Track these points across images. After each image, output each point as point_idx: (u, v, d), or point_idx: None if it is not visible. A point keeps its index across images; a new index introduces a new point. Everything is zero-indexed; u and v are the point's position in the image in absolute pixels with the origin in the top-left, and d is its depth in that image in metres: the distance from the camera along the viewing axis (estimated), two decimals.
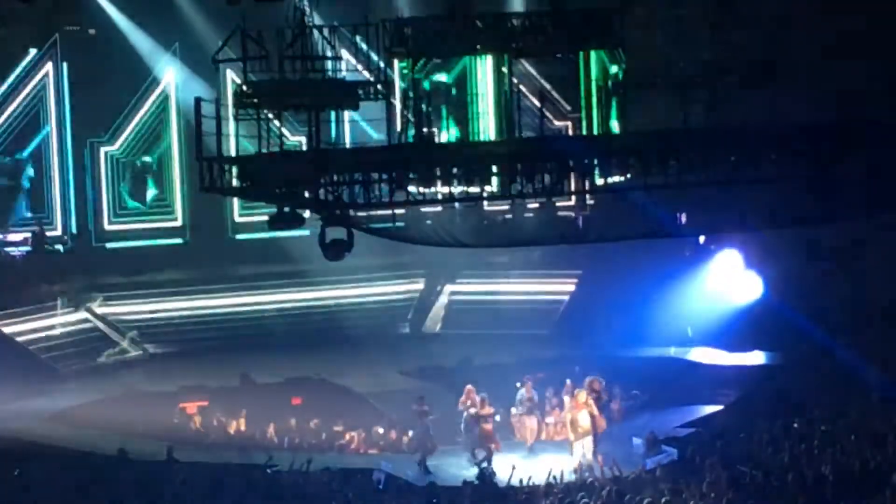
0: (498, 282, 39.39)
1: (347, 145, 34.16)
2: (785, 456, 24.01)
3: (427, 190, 22.82)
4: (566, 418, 28.69)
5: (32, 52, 37.81)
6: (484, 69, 25.72)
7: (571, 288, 38.72)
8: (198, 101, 23.81)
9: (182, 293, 38.59)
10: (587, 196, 30.71)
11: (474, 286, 39.59)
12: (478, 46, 24.91)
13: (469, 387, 29.29)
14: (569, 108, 35.43)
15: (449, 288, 39.74)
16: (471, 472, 26.52)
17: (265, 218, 25.03)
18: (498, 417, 29.34)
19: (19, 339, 35.80)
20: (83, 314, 37.56)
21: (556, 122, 36.50)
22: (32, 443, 28.89)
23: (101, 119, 38.71)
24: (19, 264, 37.63)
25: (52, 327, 36.63)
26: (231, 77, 35.83)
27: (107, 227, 39.10)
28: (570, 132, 34.65)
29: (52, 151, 38.48)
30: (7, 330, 35.76)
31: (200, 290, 38.65)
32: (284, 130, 24.09)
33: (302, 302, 39.08)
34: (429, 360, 35.99)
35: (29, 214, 37.94)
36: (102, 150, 38.85)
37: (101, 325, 37.62)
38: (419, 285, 39.83)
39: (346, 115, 31.39)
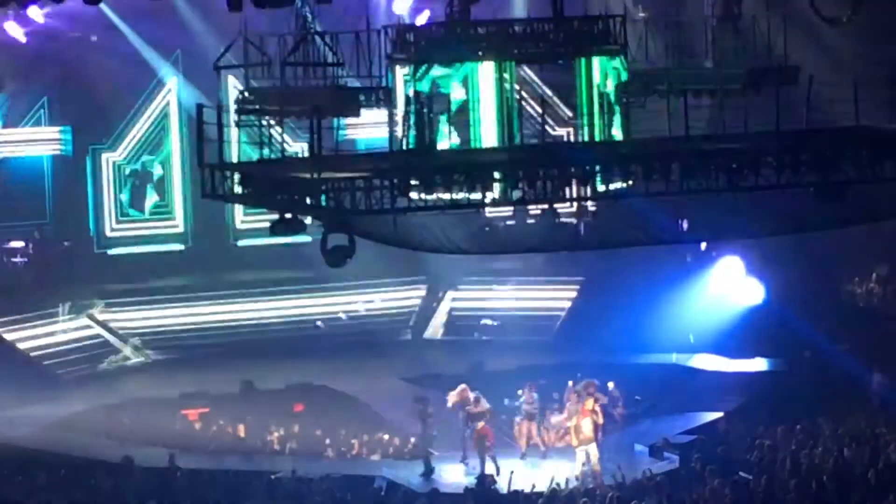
0: (499, 289, 39.37)
1: (349, 152, 34.10)
2: (787, 463, 23.99)
3: (428, 196, 22.74)
4: (570, 424, 28.61)
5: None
6: (485, 75, 25.67)
7: (573, 294, 38.69)
8: (199, 107, 23.74)
9: (183, 299, 38.55)
10: (589, 203, 30.60)
11: (475, 293, 39.57)
12: (479, 52, 24.87)
13: (462, 385, 29.11)
14: (570, 114, 35.40)
15: (450, 295, 39.69)
16: (472, 479, 26.48)
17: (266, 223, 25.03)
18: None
19: (21, 345, 35.82)
20: (84, 321, 37.54)
21: (558, 129, 36.49)
22: (35, 450, 28.88)
23: (102, 125, 38.73)
24: (20, 271, 37.64)
25: (53, 334, 36.63)
26: (233, 83, 35.83)
27: (108, 233, 39.12)
28: (572, 139, 34.61)
29: (53, 158, 38.52)
30: (9, 337, 35.76)
31: (202, 297, 38.62)
32: (286, 137, 24.02)
33: (303, 307, 39.03)
34: (431, 367, 35.92)
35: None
36: (104, 156, 38.87)
37: (102, 331, 37.60)
38: (421, 292, 39.77)
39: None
